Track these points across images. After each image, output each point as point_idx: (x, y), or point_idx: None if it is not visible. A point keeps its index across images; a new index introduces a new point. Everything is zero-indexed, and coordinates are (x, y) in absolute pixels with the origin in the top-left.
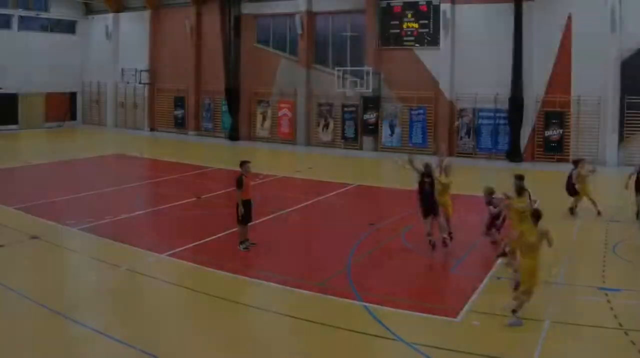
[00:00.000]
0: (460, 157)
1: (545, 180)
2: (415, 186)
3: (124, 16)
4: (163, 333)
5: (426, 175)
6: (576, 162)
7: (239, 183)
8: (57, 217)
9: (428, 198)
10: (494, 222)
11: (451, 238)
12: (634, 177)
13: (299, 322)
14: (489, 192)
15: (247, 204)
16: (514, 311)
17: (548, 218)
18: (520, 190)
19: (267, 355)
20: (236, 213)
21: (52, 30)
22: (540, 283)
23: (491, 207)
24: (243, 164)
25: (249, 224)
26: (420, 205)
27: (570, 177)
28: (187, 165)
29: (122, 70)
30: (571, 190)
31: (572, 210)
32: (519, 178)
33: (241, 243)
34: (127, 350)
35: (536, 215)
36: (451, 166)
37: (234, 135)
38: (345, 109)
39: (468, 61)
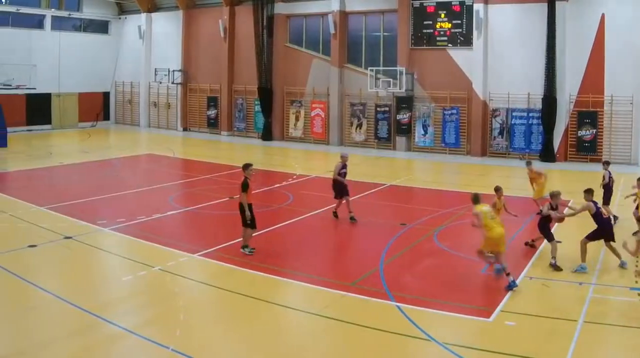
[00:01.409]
0: (493, 157)
1: (578, 180)
2: None
3: (157, 16)
4: (195, 333)
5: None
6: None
7: (245, 186)
8: (90, 217)
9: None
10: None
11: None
12: None
13: (331, 321)
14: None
15: (251, 208)
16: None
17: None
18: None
19: (299, 355)
20: (241, 217)
21: (84, 31)
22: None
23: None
24: (246, 166)
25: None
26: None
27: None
28: (219, 165)
29: (155, 70)
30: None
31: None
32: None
33: (244, 247)
34: (160, 350)
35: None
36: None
37: (266, 135)
38: (378, 109)
39: (501, 61)
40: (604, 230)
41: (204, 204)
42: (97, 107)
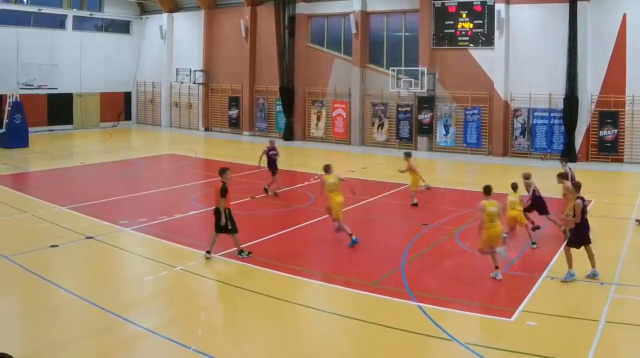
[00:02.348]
0: (515, 157)
1: (599, 180)
2: None
3: (178, 16)
4: (217, 333)
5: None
6: None
7: (224, 191)
8: (112, 217)
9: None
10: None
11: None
12: None
13: (352, 321)
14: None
15: (230, 213)
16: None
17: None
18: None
19: (320, 355)
20: (221, 221)
21: (106, 31)
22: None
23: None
24: (224, 171)
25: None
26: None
27: None
28: (241, 165)
29: (177, 70)
30: None
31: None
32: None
33: (240, 252)
34: (181, 350)
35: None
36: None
37: (288, 135)
38: (400, 109)
39: (522, 61)
40: (584, 231)
41: None
42: (119, 107)
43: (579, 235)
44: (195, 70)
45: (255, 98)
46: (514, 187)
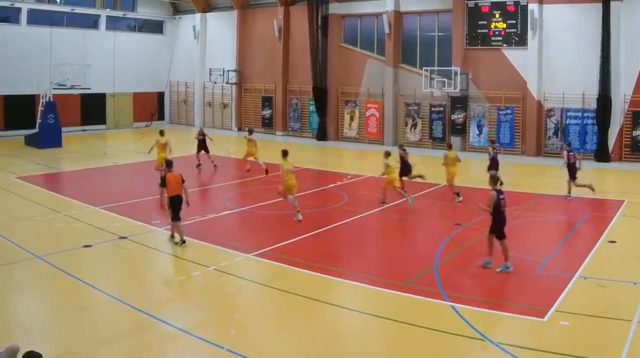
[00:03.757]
0: (548, 157)
1: (633, 180)
2: None
3: (212, 16)
4: (250, 333)
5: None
6: None
7: (162, 181)
8: (144, 217)
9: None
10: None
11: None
12: None
13: (385, 321)
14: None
15: (172, 200)
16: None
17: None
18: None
19: (353, 355)
20: (163, 209)
21: (139, 31)
22: None
23: None
24: (168, 163)
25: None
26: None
27: None
28: (274, 166)
29: (210, 70)
30: None
31: None
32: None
33: (173, 236)
34: (214, 350)
35: None
36: None
37: (321, 135)
38: (433, 109)
39: (556, 61)
40: (498, 223)
41: (258, 204)
42: (152, 107)
43: (495, 226)
44: (228, 70)
45: (288, 98)
46: (387, 154)
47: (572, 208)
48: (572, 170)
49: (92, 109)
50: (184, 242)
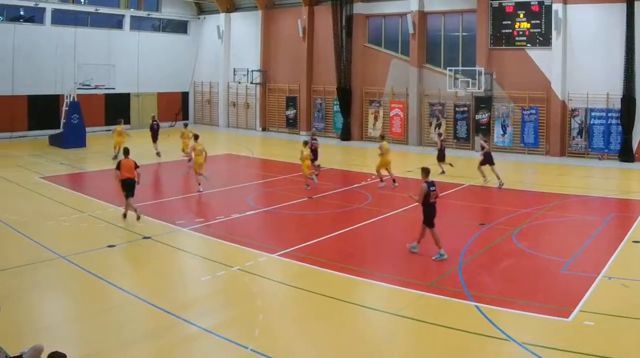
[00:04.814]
0: (572, 157)
1: None
2: None
3: (236, 16)
4: (274, 333)
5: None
6: None
7: (117, 166)
8: (168, 217)
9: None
10: None
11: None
12: None
13: (409, 321)
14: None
15: (124, 182)
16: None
17: None
18: None
19: (377, 355)
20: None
21: (163, 31)
22: None
23: None
24: (126, 151)
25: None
26: None
27: None
28: (298, 165)
29: (234, 70)
30: None
31: None
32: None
33: (125, 215)
34: (239, 350)
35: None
36: None
37: (345, 135)
38: (457, 109)
39: (580, 61)
40: (428, 213)
41: (282, 204)
42: (176, 107)
43: (425, 216)
44: (252, 70)
45: (312, 98)
46: (305, 143)
47: (597, 209)
48: (489, 158)
49: (116, 109)
50: (136, 211)
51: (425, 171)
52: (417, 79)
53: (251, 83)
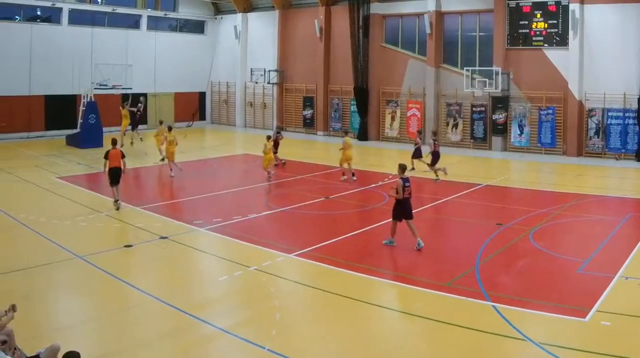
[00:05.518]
0: (589, 157)
1: None
2: None
3: (253, 16)
4: (291, 333)
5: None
6: None
7: (105, 155)
8: (186, 217)
9: None
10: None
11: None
12: None
13: (427, 321)
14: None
15: (111, 171)
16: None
17: None
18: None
19: (394, 355)
20: (119, 177)
21: (180, 31)
22: None
23: None
24: (113, 141)
25: (116, 187)
26: None
27: None
28: (315, 165)
29: (251, 70)
30: None
31: None
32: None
33: (115, 201)
34: (256, 350)
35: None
36: None
37: (362, 135)
38: (474, 109)
39: (597, 61)
40: (402, 208)
41: (299, 204)
42: (193, 107)
43: (397, 210)
44: (269, 70)
45: (329, 98)
46: (268, 138)
47: (614, 209)
48: (436, 157)
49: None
50: (117, 201)
51: (402, 168)
52: (434, 79)
53: (268, 83)
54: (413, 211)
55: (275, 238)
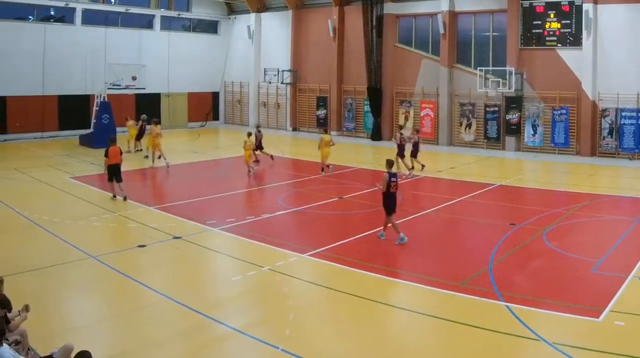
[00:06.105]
0: (603, 157)
1: None
2: None
3: (266, 16)
4: (305, 333)
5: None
6: None
7: (105, 152)
8: (199, 217)
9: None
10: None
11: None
12: None
13: (440, 321)
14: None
15: (110, 167)
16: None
17: None
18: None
19: (408, 354)
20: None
21: (194, 31)
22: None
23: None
24: (112, 139)
25: (121, 183)
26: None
27: None
28: (328, 166)
29: (264, 70)
30: None
31: None
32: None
33: (114, 196)
34: (269, 350)
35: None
36: None
37: (375, 135)
38: (488, 109)
39: (610, 61)
40: (387, 202)
41: (313, 204)
42: (207, 107)
43: (386, 204)
44: (283, 70)
45: (343, 98)
46: (249, 134)
47: (627, 209)
48: (401, 149)
49: (147, 108)
50: (115, 196)
51: (389, 163)
52: (448, 78)
53: (282, 83)
54: (426, 211)
55: (289, 238)
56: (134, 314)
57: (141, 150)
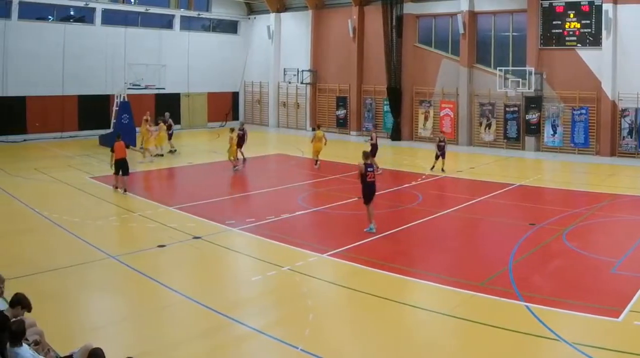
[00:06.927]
0: (622, 157)
1: None
2: None
3: (286, 16)
4: (324, 333)
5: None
6: None
7: (112, 149)
8: (219, 217)
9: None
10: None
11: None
12: None
13: (460, 321)
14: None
15: (117, 162)
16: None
17: None
18: None
19: (427, 354)
20: (127, 167)
21: (213, 31)
22: None
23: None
24: (118, 136)
25: (126, 176)
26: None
27: None
28: (348, 165)
29: (284, 70)
30: None
31: None
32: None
33: (115, 188)
34: (289, 350)
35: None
36: None
37: (395, 135)
38: (507, 109)
39: (630, 61)
40: (366, 192)
41: (332, 204)
42: (226, 107)
43: (363, 193)
44: (302, 70)
45: (362, 98)
46: (232, 130)
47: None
48: (374, 149)
49: (166, 109)
50: (116, 188)
51: (365, 154)
52: (467, 79)
53: (301, 83)
54: (446, 211)
55: (309, 238)
56: (154, 314)
57: (175, 150)
